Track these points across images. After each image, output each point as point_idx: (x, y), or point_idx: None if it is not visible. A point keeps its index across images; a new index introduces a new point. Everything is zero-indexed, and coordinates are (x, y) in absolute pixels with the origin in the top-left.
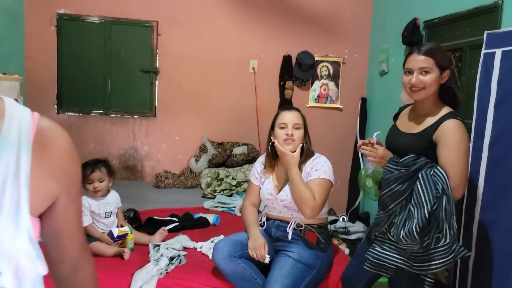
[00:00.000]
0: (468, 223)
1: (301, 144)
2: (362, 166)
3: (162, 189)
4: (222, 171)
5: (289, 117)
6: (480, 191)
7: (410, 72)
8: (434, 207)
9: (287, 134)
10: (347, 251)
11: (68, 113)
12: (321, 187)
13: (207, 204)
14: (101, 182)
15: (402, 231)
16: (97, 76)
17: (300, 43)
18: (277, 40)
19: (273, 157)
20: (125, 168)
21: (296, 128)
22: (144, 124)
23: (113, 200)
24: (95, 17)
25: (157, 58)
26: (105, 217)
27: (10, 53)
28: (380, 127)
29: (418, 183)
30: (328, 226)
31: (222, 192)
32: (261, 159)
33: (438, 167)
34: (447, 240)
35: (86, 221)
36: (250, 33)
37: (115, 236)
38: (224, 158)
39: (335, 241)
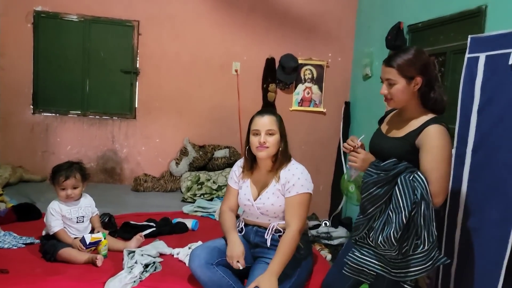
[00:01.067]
0: (450, 230)
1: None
2: (345, 171)
3: (141, 193)
4: (203, 175)
5: (261, 123)
6: (463, 197)
7: (382, 82)
8: (412, 213)
9: (259, 142)
10: (329, 256)
11: (44, 114)
12: (300, 205)
13: (186, 208)
14: (74, 189)
15: (380, 236)
16: (75, 76)
17: (283, 46)
18: (260, 43)
19: (251, 161)
20: (103, 171)
21: (270, 134)
22: (123, 126)
23: (86, 204)
24: (73, 15)
25: (138, 58)
26: (77, 222)
27: None
28: (363, 131)
29: (396, 187)
30: (309, 232)
31: (202, 196)
32: (240, 162)
33: (418, 173)
34: (426, 247)
35: (57, 226)
36: (233, 35)
37: (88, 242)
38: (205, 161)
39: (317, 247)
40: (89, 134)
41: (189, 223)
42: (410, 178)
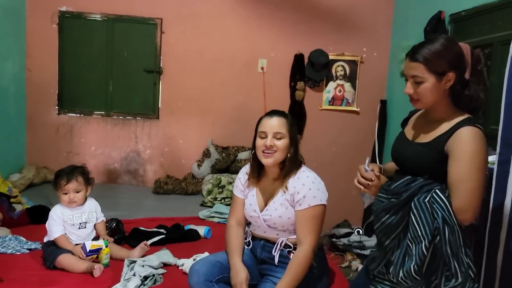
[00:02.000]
0: (491, 251)
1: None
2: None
3: (161, 196)
4: (224, 178)
5: (269, 125)
6: (507, 212)
7: (406, 79)
8: (435, 241)
9: (266, 145)
10: (360, 267)
11: (69, 114)
12: (313, 219)
13: (203, 213)
14: (77, 192)
15: (400, 272)
16: (99, 76)
17: (313, 41)
18: (288, 38)
19: (258, 167)
20: (126, 172)
21: (278, 138)
22: (146, 126)
23: (89, 209)
24: (97, 14)
25: (161, 57)
26: (79, 228)
27: (10, 51)
28: None
29: (411, 214)
30: (340, 240)
31: (222, 200)
32: (245, 169)
33: (436, 191)
34: (459, 279)
35: (58, 231)
36: (259, 31)
37: (88, 250)
38: (228, 164)
39: (348, 256)
40: (112, 134)
41: (202, 230)
42: (427, 200)
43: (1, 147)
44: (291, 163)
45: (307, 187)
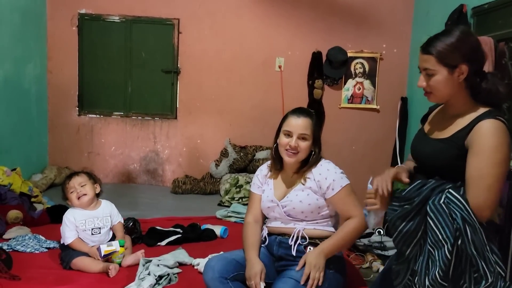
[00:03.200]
0: None
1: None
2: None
3: (179, 195)
4: (242, 177)
5: (295, 125)
6: None
7: (420, 72)
8: (458, 242)
9: (290, 145)
10: (381, 268)
11: (89, 115)
12: (350, 196)
13: (220, 213)
14: (83, 186)
15: (426, 280)
16: (118, 76)
17: (331, 38)
18: (306, 36)
19: (280, 160)
20: (145, 172)
21: (303, 139)
22: (165, 126)
23: (103, 213)
24: (115, 16)
25: (178, 57)
26: (92, 234)
27: (32, 54)
28: None
29: (429, 218)
30: (361, 241)
31: (240, 200)
32: (263, 167)
33: (450, 190)
34: (490, 280)
35: (71, 236)
36: (276, 29)
37: (102, 255)
38: (246, 163)
39: (369, 257)
40: (131, 135)
41: (218, 230)
42: (442, 202)
43: (23, 148)
44: (314, 160)
45: (332, 172)
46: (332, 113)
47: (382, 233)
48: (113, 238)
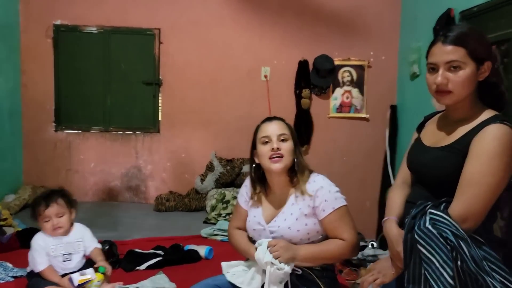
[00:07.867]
0: None
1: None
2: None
3: (163, 213)
4: (229, 192)
5: (271, 129)
6: None
7: (434, 68)
8: (458, 263)
9: (273, 148)
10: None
11: (67, 131)
12: (343, 217)
13: (205, 231)
14: (60, 217)
15: None
16: (96, 89)
17: (317, 46)
18: (291, 44)
19: (260, 182)
20: (127, 189)
21: (283, 140)
22: (147, 141)
23: (75, 238)
24: (93, 26)
25: (160, 68)
26: (63, 261)
27: (2, 68)
28: None
29: (419, 246)
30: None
31: (227, 217)
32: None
33: (431, 210)
34: None
35: (43, 263)
36: (261, 38)
37: (76, 285)
38: (233, 177)
39: (363, 271)
40: (112, 150)
41: (202, 250)
42: (427, 224)
43: None
44: (300, 168)
45: (326, 190)
46: (321, 123)
47: (375, 245)
48: (86, 265)
